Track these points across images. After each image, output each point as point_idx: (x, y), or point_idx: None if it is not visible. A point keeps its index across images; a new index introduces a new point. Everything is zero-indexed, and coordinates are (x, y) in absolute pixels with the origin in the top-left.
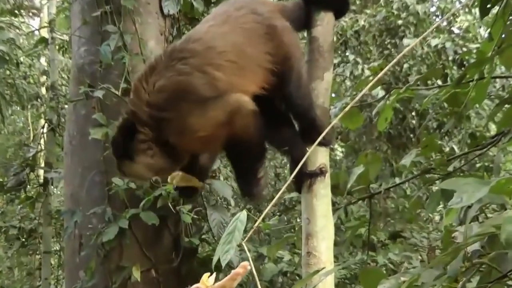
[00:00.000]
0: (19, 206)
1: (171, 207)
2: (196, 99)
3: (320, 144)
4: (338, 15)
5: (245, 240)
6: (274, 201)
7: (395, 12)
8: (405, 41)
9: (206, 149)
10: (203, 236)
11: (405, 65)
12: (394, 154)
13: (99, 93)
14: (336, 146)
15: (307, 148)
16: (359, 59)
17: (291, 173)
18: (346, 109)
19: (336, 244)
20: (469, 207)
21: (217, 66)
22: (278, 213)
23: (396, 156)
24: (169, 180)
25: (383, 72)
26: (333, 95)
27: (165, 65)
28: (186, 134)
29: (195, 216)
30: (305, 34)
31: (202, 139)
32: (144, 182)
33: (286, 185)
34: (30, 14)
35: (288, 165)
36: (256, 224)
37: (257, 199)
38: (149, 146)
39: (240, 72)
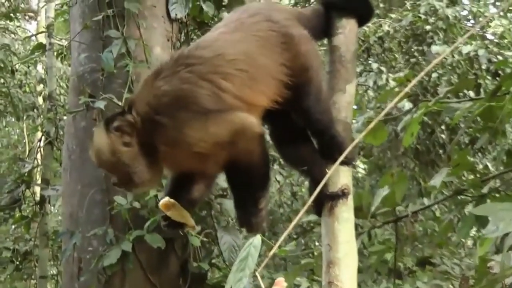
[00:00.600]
0: (13, 226)
1: None
2: (197, 110)
3: (342, 163)
4: (362, 22)
5: (260, 268)
6: (291, 226)
7: (423, 17)
8: (434, 48)
9: (197, 167)
10: (213, 261)
11: (434, 75)
12: (422, 171)
13: (100, 104)
14: (358, 162)
15: (328, 168)
16: (383, 68)
17: (310, 195)
18: (370, 126)
19: (359, 270)
20: (506, 234)
21: (225, 75)
22: (294, 236)
23: (424, 173)
24: (161, 206)
25: (409, 87)
26: (354, 107)
27: (171, 71)
28: (179, 146)
29: (204, 239)
30: (326, 42)
31: (196, 155)
32: (98, 165)
33: (305, 208)
34: (27, 17)
35: (305, 183)
36: (272, 252)
37: (255, 231)
38: (130, 132)
39: (250, 82)
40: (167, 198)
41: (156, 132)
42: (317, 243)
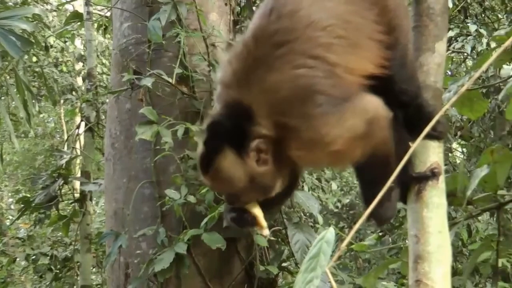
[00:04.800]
0: (50, 228)
1: None
2: (325, 102)
3: (429, 136)
4: None
5: (330, 264)
6: (367, 213)
7: None
8: None
9: (333, 165)
10: (283, 264)
11: None
12: None
13: (147, 81)
14: (455, 145)
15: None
16: (483, 31)
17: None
18: (462, 90)
19: (457, 272)
20: None
21: (327, 46)
22: (380, 233)
23: None
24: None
25: (508, 42)
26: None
27: (267, 54)
28: (316, 147)
29: (272, 238)
30: None
31: (334, 154)
32: (224, 192)
33: (383, 192)
34: None
35: None
36: (345, 242)
37: (387, 223)
38: (267, 148)
39: (353, 50)
40: None
41: (287, 137)
42: (407, 241)
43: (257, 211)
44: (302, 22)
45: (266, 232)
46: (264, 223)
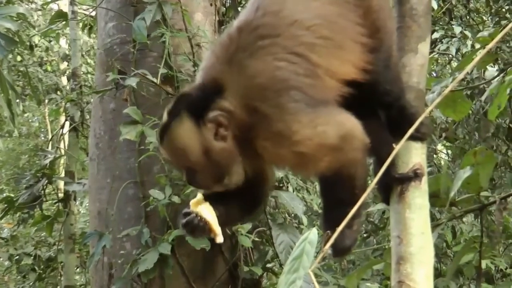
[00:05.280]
0: (33, 228)
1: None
2: (301, 99)
3: (412, 138)
4: None
5: (312, 266)
6: (351, 213)
7: None
8: None
9: (296, 168)
10: (267, 265)
11: None
12: None
13: (132, 81)
14: (440, 147)
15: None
16: (468, 32)
17: (375, 177)
18: (445, 91)
19: (441, 274)
20: None
21: (311, 46)
22: (365, 234)
23: None
24: (192, 205)
25: (495, 41)
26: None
27: (250, 43)
28: (283, 143)
29: (257, 239)
30: None
31: (299, 156)
32: (178, 166)
33: (366, 193)
34: None
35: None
36: (328, 244)
37: (345, 255)
38: (228, 124)
39: (336, 52)
40: (200, 196)
41: (257, 125)
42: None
43: (211, 218)
44: (286, 20)
45: (220, 239)
46: (217, 229)
